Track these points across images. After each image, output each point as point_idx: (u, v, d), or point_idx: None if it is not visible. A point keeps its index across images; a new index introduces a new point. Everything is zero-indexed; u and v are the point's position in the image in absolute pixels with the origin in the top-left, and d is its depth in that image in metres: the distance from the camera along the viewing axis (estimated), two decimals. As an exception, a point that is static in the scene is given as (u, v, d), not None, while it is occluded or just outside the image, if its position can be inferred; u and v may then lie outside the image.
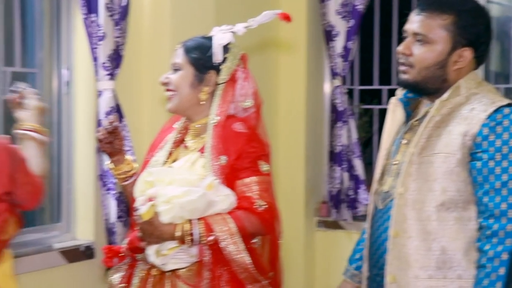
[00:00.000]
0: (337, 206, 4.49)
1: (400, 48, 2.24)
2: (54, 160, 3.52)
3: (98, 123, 3.28)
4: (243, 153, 2.31)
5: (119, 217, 3.34)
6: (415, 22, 2.21)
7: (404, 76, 2.24)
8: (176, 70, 2.40)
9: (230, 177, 2.29)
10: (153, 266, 2.33)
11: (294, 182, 4.45)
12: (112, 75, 3.32)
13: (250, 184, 2.30)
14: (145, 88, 3.64)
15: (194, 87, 2.38)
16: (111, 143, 2.45)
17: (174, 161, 2.41)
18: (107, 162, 2.57)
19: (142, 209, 2.23)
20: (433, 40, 2.18)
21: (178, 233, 2.20)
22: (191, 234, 2.20)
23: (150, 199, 2.23)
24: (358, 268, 2.49)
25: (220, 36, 2.40)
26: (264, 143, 2.39)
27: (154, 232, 2.21)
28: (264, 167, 2.34)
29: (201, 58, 2.39)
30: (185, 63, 2.39)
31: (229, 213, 2.26)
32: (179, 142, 2.46)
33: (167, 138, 2.48)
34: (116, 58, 3.34)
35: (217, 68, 2.40)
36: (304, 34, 4.49)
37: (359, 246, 2.51)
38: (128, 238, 2.42)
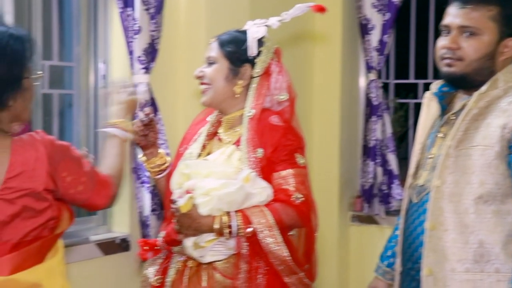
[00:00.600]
0: (369, 200, 4.47)
1: (446, 42, 2.23)
2: (90, 153, 3.55)
3: (133, 116, 3.30)
4: (280, 146, 2.31)
5: (153, 210, 3.36)
6: (459, 16, 2.20)
7: (450, 69, 2.23)
8: (210, 63, 2.41)
9: (266, 170, 2.30)
10: (189, 258, 2.34)
11: (328, 176, 4.44)
12: (147, 69, 3.34)
13: (287, 177, 2.30)
14: (180, 82, 3.66)
15: (229, 81, 2.39)
16: (145, 135, 2.46)
17: (208, 153, 2.43)
18: (140, 155, 2.58)
19: (180, 202, 2.23)
20: (481, 32, 2.18)
21: (216, 225, 2.21)
22: (230, 226, 2.21)
23: (188, 192, 2.24)
24: (390, 265, 2.48)
25: (254, 30, 2.40)
26: (299, 136, 2.39)
27: (192, 224, 2.22)
28: (300, 159, 2.34)
29: (236, 52, 2.40)
30: (220, 56, 2.40)
31: (267, 205, 2.26)
32: (213, 135, 2.47)
33: (201, 131, 2.49)
34: (151, 52, 3.36)
35: (251, 62, 2.40)
36: (339, 28, 4.46)
37: (391, 243, 2.50)
38: (163, 231, 2.42)
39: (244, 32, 2.42)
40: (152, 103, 3.37)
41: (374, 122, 4.41)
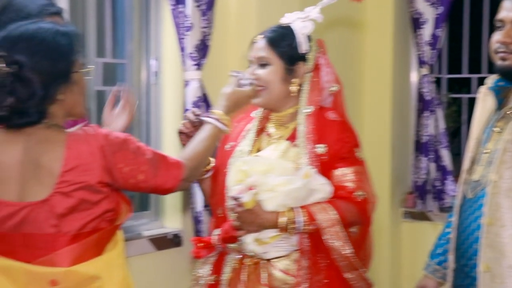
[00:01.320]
0: (422, 197, 4.42)
1: (500, 37, 2.21)
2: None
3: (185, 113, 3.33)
4: (339, 142, 2.30)
5: (205, 206, 3.38)
6: None
7: (505, 63, 2.21)
8: (263, 65, 2.36)
9: (325, 166, 2.28)
10: (246, 256, 2.31)
11: (380, 172, 4.39)
12: (198, 65, 3.35)
13: (348, 174, 2.28)
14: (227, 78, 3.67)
15: (285, 81, 2.35)
16: (191, 137, 2.38)
17: (257, 150, 2.40)
18: None
19: (245, 198, 2.21)
20: None
21: (281, 221, 2.20)
22: (294, 222, 2.20)
23: (251, 188, 2.22)
24: (440, 263, 2.45)
25: (301, 25, 2.37)
26: (355, 131, 2.37)
27: (255, 220, 2.21)
28: (359, 155, 2.33)
29: (289, 51, 2.36)
30: (273, 57, 2.35)
31: (329, 202, 2.24)
32: (260, 131, 2.45)
33: (248, 128, 2.46)
34: (202, 48, 3.37)
35: (304, 58, 2.38)
36: (391, 22, 4.41)
37: (441, 241, 2.47)
38: (216, 229, 2.39)
39: (287, 28, 2.38)
40: (204, 99, 3.39)
41: (427, 117, 4.36)
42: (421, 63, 4.39)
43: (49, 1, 2.47)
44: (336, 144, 2.29)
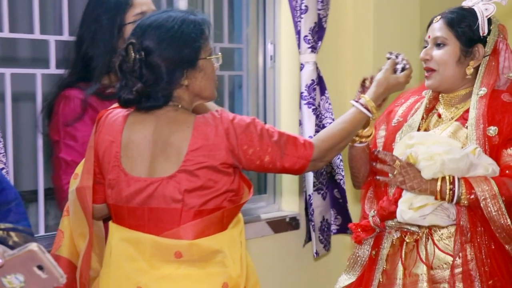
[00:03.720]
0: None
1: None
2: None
3: (300, 96, 3.34)
4: None
5: (317, 189, 3.37)
6: None
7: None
8: (439, 45, 2.34)
9: (495, 149, 2.24)
10: (405, 233, 2.30)
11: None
12: (314, 48, 3.34)
13: None
14: (347, 61, 3.63)
15: (461, 62, 2.33)
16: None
17: (425, 129, 2.39)
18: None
19: (405, 154, 2.23)
20: None
21: (440, 185, 2.19)
22: (453, 190, 2.18)
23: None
24: None
25: (483, 8, 2.33)
26: None
27: (417, 175, 2.20)
28: None
29: (468, 32, 2.33)
30: (450, 37, 2.33)
31: (492, 177, 2.21)
32: (429, 111, 2.44)
33: (417, 106, 2.45)
34: (318, 31, 3.35)
35: (483, 41, 2.34)
36: None
37: None
38: (373, 210, 2.40)
39: (467, 10, 2.35)
40: (320, 82, 3.37)
41: None
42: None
43: None
44: (509, 126, 2.25)
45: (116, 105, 2.08)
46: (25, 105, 3.81)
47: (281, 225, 3.54)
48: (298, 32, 3.33)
